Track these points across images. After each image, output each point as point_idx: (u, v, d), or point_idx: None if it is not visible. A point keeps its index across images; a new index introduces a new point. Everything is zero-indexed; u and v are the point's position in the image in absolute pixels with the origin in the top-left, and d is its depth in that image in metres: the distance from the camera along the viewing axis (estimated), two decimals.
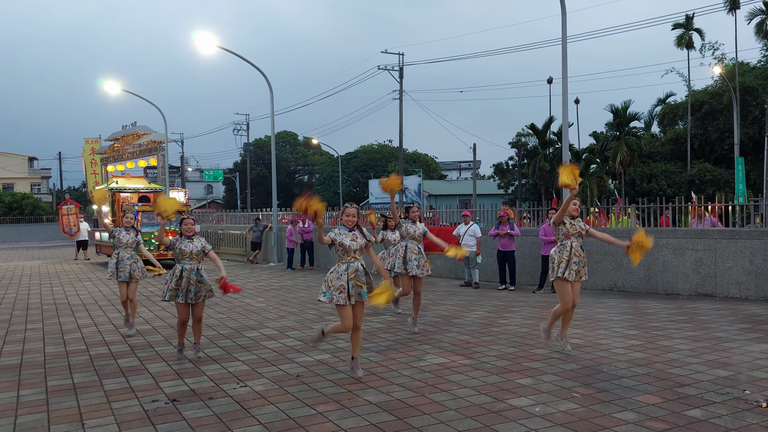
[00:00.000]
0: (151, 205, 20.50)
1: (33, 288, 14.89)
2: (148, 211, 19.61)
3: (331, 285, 5.93)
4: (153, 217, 19.03)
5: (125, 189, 23.22)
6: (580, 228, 6.92)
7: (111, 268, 8.67)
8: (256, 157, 66.99)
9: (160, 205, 6.99)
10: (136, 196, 22.78)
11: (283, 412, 5.13)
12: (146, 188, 24.00)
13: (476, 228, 13.58)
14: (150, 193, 23.20)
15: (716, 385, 5.58)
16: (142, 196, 22.88)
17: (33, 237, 45.84)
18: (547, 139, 42.42)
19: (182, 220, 7.09)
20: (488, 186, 55.53)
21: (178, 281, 6.93)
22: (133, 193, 23.01)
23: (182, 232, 7.05)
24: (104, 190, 22.28)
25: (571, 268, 6.79)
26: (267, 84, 21.59)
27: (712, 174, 34.57)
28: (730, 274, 10.96)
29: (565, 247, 6.85)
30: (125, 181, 24.70)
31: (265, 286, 14.35)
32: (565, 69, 13.30)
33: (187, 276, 6.92)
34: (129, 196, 22.68)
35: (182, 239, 7.03)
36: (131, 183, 24.39)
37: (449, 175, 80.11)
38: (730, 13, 38.76)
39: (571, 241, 6.85)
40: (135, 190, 23.36)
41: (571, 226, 6.89)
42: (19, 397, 5.75)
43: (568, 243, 6.86)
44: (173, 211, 6.97)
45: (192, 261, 7.00)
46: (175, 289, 6.92)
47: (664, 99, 44.62)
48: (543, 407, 5.09)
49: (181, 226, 7.06)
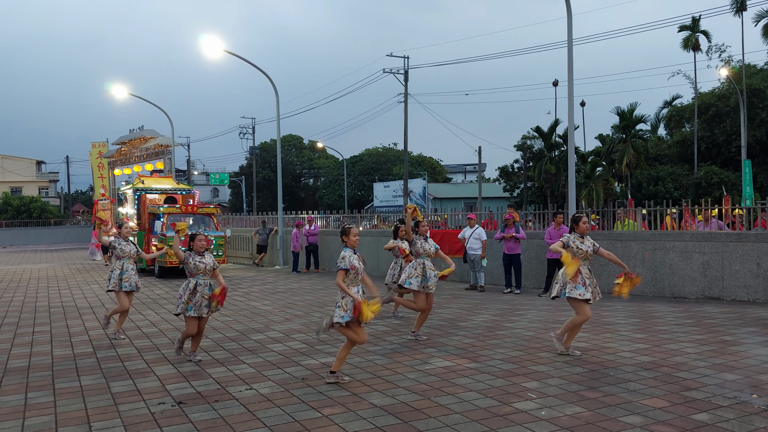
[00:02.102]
0: (178, 206, 19.28)
1: (41, 291, 14.96)
2: (175, 213, 18.34)
3: (347, 308, 5.94)
4: (179, 219, 17.92)
5: (152, 189, 21.46)
6: (587, 251, 6.92)
7: (114, 279, 8.63)
8: (262, 160, 67.12)
9: (178, 223, 7.64)
10: (163, 197, 20.99)
11: (289, 414, 5.14)
12: (174, 188, 22.28)
13: (481, 231, 13.56)
14: (177, 194, 21.62)
15: (724, 389, 5.56)
16: (169, 197, 21.12)
17: (41, 240, 46.04)
18: (552, 141, 42.34)
19: (194, 236, 7.18)
20: (494, 189, 55.41)
21: (191, 295, 7.00)
22: (160, 194, 21.23)
23: (194, 249, 7.13)
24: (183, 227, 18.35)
25: (588, 289, 6.82)
26: (273, 88, 21.66)
27: (719, 177, 34.43)
28: (737, 278, 10.91)
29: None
30: (152, 181, 22.83)
31: (271, 289, 14.37)
32: (571, 71, 13.28)
33: (201, 291, 7.02)
34: (157, 198, 20.85)
35: (194, 255, 7.10)
36: (158, 183, 22.57)
37: (454, 178, 79.96)
38: (736, 15, 38.61)
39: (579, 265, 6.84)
40: (162, 190, 21.61)
41: (578, 250, 6.89)
42: (27, 399, 5.78)
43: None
44: (187, 228, 7.57)
45: (205, 277, 7.10)
46: (188, 303, 7.00)
47: (671, 101, 44.48)
48: (549, 411, 5.08)
49: (193, 243, 7.14)
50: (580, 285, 6.82)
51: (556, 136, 42.44)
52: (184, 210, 18.93)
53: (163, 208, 18.49)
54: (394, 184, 52.22)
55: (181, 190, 22.39)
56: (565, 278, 6.88)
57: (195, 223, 18.66)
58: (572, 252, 6.86)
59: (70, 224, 52.31)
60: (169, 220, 17.83)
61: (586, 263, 6.94)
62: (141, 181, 22.29)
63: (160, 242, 17.00)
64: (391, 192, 51.95)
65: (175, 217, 18.19)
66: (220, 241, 18.41)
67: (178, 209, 18.75)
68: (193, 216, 19.03)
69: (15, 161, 68.32)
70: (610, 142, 39.29)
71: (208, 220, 19.28)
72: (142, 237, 18.75)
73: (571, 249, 6.88)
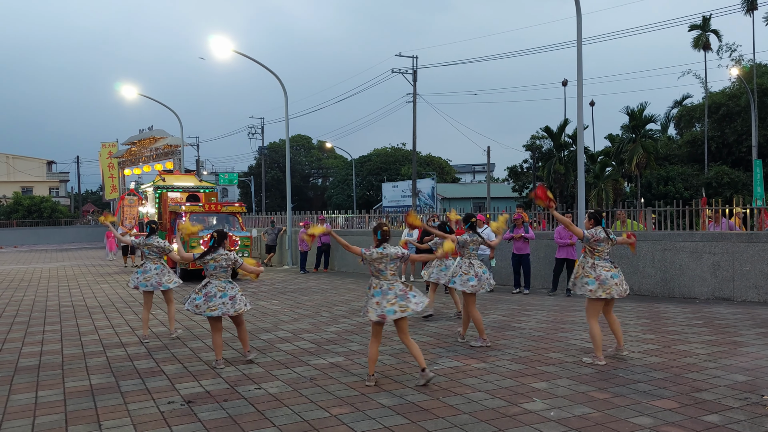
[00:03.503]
0: (200, 205, 18.25)
1: (51, 290, 15.07)
2: (198, 212, 17.36)
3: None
4: (202, 219, 17.14)
5: (173, 187, 20.26)
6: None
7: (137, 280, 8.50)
8: (271, 160, 67.34)
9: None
10: (185, 195, 19.91)
11: (298, 414, 5.15)
12: (196, 186, 21.04)
13: (489, 231, 13.52)
14: (200, 192, 20.50)
15: (734, 390, 5.52)
16: (191, 195, 20.08)
17: (51, 240, 46.38)
18: (561, 141, 42.21)
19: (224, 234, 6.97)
20: (502, 189, 55.30)
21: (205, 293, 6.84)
22: (182, 192, 20.11)
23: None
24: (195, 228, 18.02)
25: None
26: (282, 88, 21.71)
27: (729, 177, 34.20)
28: (748, 278, 10.83)
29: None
30: (174, 178, 21.57)
31: (280, 289, 14.40)
32: (580, 71, 13.23)
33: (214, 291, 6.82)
34: (178, 196, 19.71)
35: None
36: (180, 181, 21.32)
37: (463, 178, 79.81)
38: (747, 14, 38.40)
39: (594, 259, 6.81)
40: (184, 188, 20.46)
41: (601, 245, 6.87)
42: (37, 398, 5.82)
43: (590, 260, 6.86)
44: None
45: (220, 277, 6.89)
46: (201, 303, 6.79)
47: (681, 101, 44.23)
48: (558, 411, 5.07)
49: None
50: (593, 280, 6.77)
51: (566, 136, 42.31)
52: (207, 209, 17.78)
53: (184, 206, 17.51)
54: (402, 185, 52.21)
55: (203, 187, 21.14)
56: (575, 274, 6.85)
57: (219, 222, 17.61)
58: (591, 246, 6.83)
59: (80, 224, 52.66)
60: (192, 219, 16.86)
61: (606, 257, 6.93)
62: (162, 179, 21.04)
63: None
64: (400, 192, 51.94)
65: (198, 216, 17.25)
66: (246, 242, 17.26)
67: (201, 208, 17.71)
68: (217, 215, 17.91)
69: (26, 161, 68.92)
70: (620, 142, 39.12)
71: (232, 219, 18.13)
72: (163, 237, 17.60)
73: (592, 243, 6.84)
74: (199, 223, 16.37)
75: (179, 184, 20.74)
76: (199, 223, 16.14)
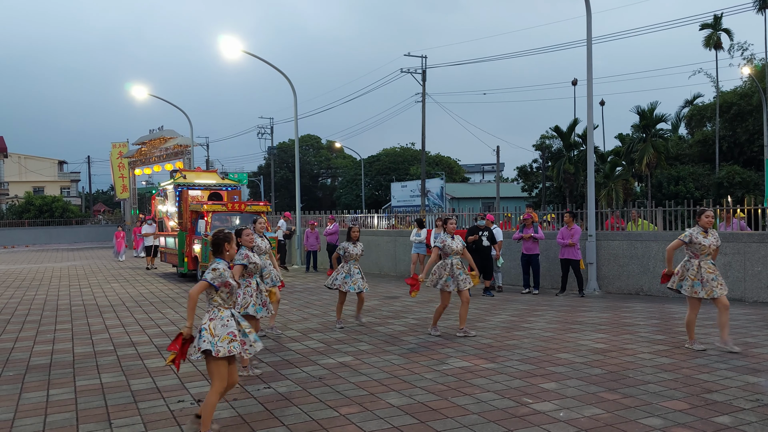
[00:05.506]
0: (223, 204, 17.29)
1: (62, 289, 15.18)
2: (220, 212, 16.29)
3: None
4: (225, 219, 16.17)
5: (194, 185, 19.17)
6: (709, 245, 7.00)
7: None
8: (280, 160, 67.49)
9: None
10: (206, 194, 19.08)
11: (306, 413, 5.16)
12: (218, 184, 19.93)
13: (498, 231, 13.51)
14: (223, 191, 19.53)
15: (745, 392, 5.48)
16: (213, 193, 19.23)
17: (62, 239, 46.73)
18: (571, 141, 42.04)
19: (242, 230, 6.72)
20: (512, 189, 55.18)
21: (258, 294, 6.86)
22: (204, 190, 19.17)
23: (244, 244, 6.71)
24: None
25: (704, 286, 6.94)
26: (291, 88, 21.76)
27: (741, 176, 33.93)
28: (759, 279, 10.75)
29: (693, 265, 6.97)
30: (195, 175, 20.42)
31: (289, 288, 14.43)
32: (590, 70, 13.17)
33: (262, 287, 6.92)
34: (200, 195, 18.84)
35: (247, 251, 6.71)
36: (201, 178, 20.15)
37: (472, 177, 79.69)
38: (759, 12, 38.05)
39: (700, 260, 6.95)
40: (206, 186, 19.41)
41: (700, 246, 6.98)
42: (48, 396, 5.87)
43: (696, 262, 6.97)
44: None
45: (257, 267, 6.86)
46: (256, 304, 6.81)
47: (692, 100, 43.92)
48: (567, 412, 5.05)
49: (241, 238, 6.65)
50: (698, 282, 6.90)
51: (575, 135, 42.14)
52: (230, 208, 16.70)
53: (206, 205, 16.50)
54: (411, 184, 52.17)
55: (226, 185, 20.01)
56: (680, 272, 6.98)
57: (243, 222, 16.35)
58: (694, 249, 6.96)
59: (91, 223, 52.98)
60: (214, 219, 15.91)
61: (708, 258, 7.00)
62: (183, 176, 19.87)
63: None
64: (409, 192, 51.88)
65: (221, 215, 16.23)
66: (272, 243, 16.78)
67: (224, 207, 16.71)
68: (241, 214, 16.69)
69: (37, 161, 69.50)
70: (630, 142, 38.91)
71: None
72: (183, 237, 16.94)
73: (693, 245, 6.97)
74: (222, 223, 15.76)
75: (201, 181, 19.70)
76: (222, 223, 15.65)
